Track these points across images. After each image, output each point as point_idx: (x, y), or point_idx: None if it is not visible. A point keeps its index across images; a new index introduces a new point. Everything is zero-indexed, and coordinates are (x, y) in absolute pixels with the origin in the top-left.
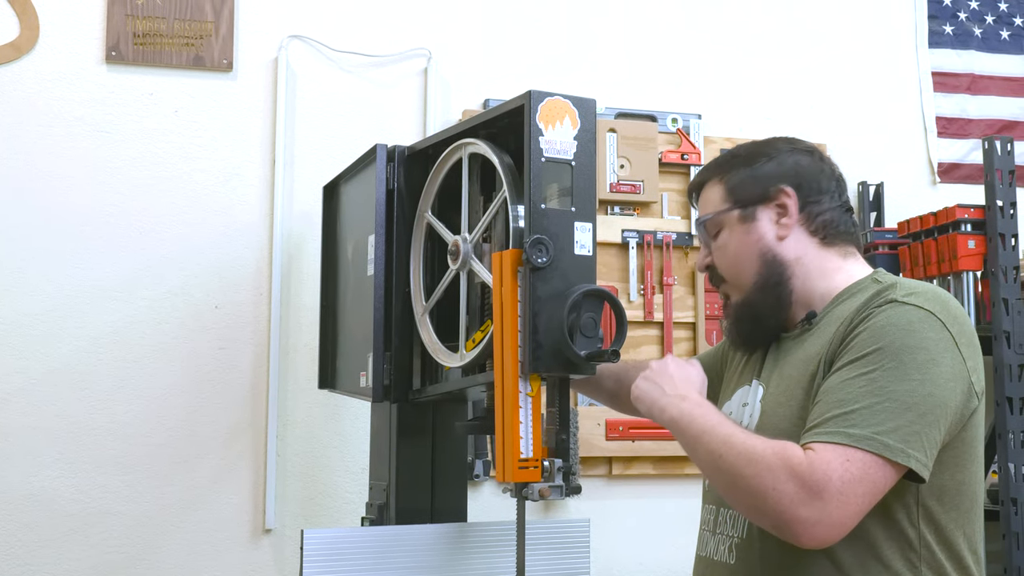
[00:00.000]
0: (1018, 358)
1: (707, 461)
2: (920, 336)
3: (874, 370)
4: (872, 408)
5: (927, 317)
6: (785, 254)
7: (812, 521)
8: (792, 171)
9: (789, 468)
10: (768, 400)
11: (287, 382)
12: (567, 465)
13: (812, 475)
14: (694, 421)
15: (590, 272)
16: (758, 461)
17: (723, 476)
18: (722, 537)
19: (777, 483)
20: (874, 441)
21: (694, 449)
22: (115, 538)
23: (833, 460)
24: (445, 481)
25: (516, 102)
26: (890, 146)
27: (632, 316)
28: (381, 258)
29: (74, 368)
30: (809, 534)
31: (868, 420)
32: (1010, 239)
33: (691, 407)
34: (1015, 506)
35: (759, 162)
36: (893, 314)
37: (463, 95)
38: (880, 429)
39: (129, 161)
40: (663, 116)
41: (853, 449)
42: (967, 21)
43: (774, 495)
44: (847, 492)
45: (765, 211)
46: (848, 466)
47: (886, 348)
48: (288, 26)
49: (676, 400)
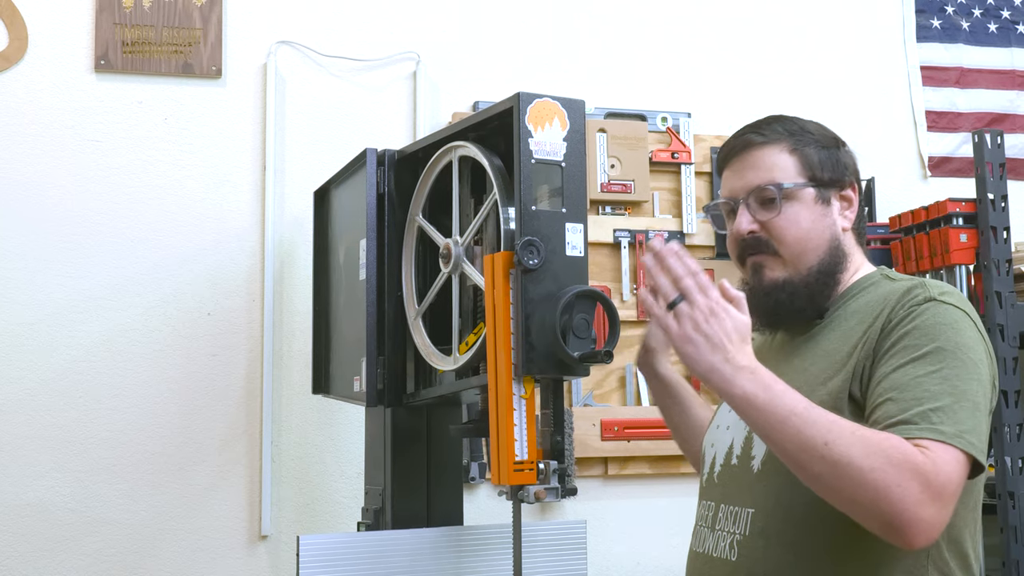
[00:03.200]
0: (1012, 351)
1: (804, 446)
2: (966, 336)
3: (942, 368)
4: (952, 407)
5: (964, 317)
6: (846, 246)
7: (930, 522)
8: (853, 167)
9: (910, 462)
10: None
11: (281, 388)
12: (562, 467)
13: (938, 477)
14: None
15: (582, 273)
16: (878, 453)
17: (828, 465)
18: (722, 534)
19: (902, 477)
20: (963, 439)
21: (782, 433)
22: (111, 547)
23: (951, 460)
24: (441, 485)
25: (505, 104)
26: (880, 141)
27: (625, 316)
28: (373, 262)
29: (68, 377)
30: (925, 535)
31: (952, 418)
32: (1002, 232)
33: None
34: (1012, 500)
35: (833, 147)
36: (938, 312)
37: (452, 98)
38: (964, 428)
39: (119, 169)
40: (652, 115)
41: (956, 449)
42: (955, 15)
43: (898, 491)
44: (957, 495)
45: (836, 199)
46: (956, 466)
47: (944, 347)
48: (276, 32)
49: (743, 372)
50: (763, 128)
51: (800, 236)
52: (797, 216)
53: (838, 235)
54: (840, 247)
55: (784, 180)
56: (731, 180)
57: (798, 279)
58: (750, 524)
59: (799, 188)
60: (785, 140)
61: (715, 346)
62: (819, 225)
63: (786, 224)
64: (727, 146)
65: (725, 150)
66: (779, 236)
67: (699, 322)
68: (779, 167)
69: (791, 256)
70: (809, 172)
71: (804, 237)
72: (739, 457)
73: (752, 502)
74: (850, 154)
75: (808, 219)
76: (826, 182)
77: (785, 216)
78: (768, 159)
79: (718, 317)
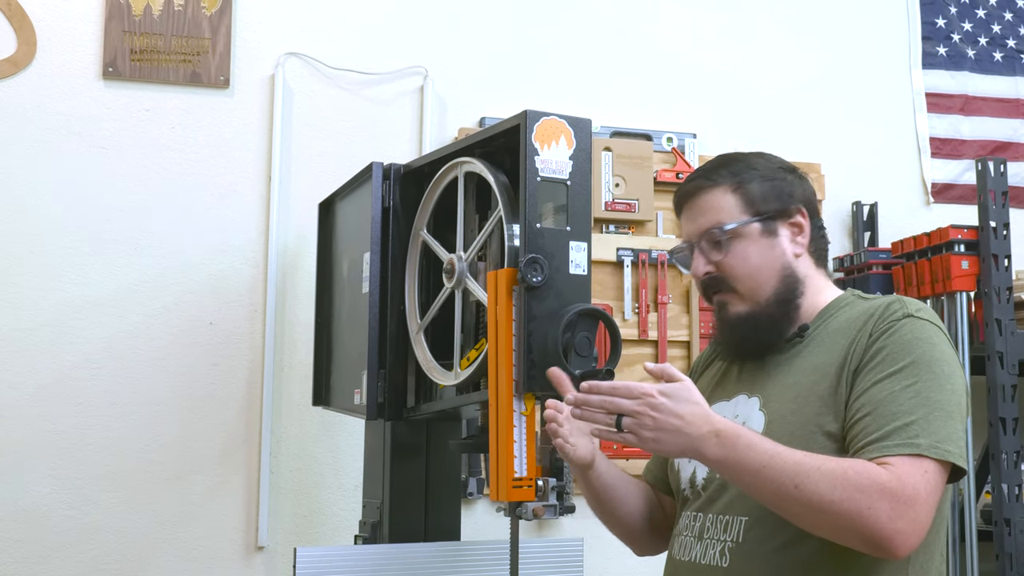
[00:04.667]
0: (1011, 378)
1: (778, 494)
2: (940, 349)
3: (916, 382)
4: (927, 418)
5: (938, 332)
6: (800, 271)
7: (909, 532)
8: (802, 191)
9: (879, 485)
10: (773, 408)
11: (281, 399)
12: (561, 484)
13: (904, 490)
14: (744, 458)
15: (585, 291)
16: (844, 483)
17: (801, 505)
18: (712, 542)
19: (871, 502)
20: (938, 449)
21: (756, 484)
22: (107, 554)
23: (915, 472)
24: (439, 499)
25: (512, 121)
26: (884, 166)
27: (626, 335)
28: (376, 276)
29: (67, 384)
30: (907, 544)
31: (927, 430)
32: (1003, 260)
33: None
34: (1008, 527)
35: (775, 176)
36: (914, 328)
37: (459, 113)
38: (939, 437)
39: (125, 177)
40: (658, 135)
41: (926, 459)
42: (960, 43)
43: (870, 514)
44: (931, 502)
45: (784, 228)
46: (927, 476)
47: (919, 361)
48: (285, 43)
49: (709, 438)
50: (709, 172)
51: (750, 271)
52: (745, 252)
53: (790, 263)
54: (793, 273)
55: (727, 220)
56: (686, 225)
57: (758, 311)
58: (743, 531)
59: (743, 225)
60: (728, 181)
61: (673, 432)
62: (768, 257)
63: (735, 262)
64: (678, 193)
65: (677, 197)
66: (731, 274)
67: (647, 424)
68: (723, 208)
69: (746, 291)
70: (752, 208)
71: (755, 272)
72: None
73: (745, 510)
74: (798, 180)
75: (756, 253)
76: (770, 214)
77: (734, 255)
78: (714, 202)
79: (660, 409)
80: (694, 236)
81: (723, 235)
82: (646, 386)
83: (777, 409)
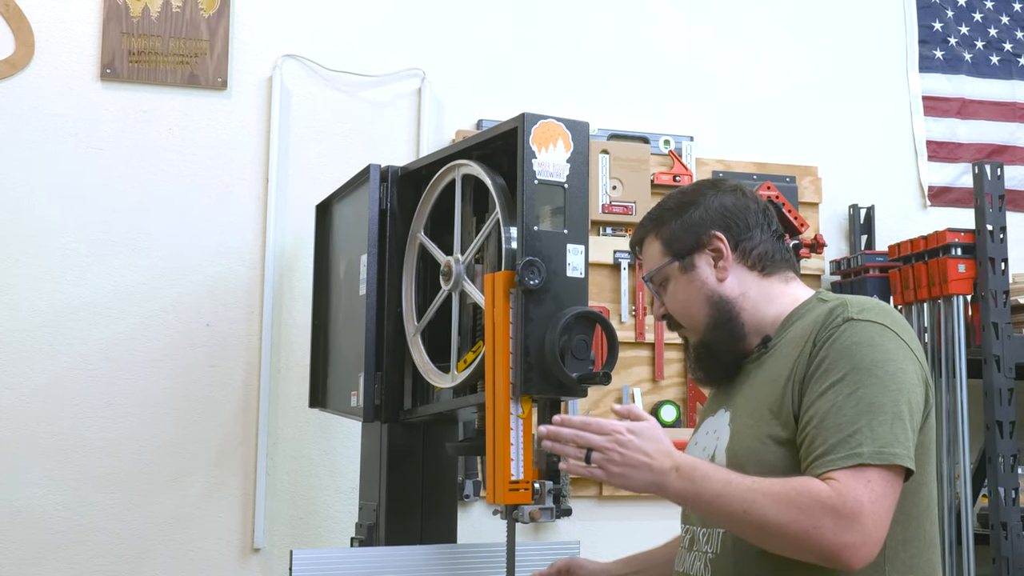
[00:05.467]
0: (1008, 382)
1: (732, 520)
2: (883, 349)
3: (858, 389)
4: (870, 425)
5: (884, 331)
6: (729, 292)
7: (857, 545)
8: (719, 214)
9: (820, 504)
10: (736, 422)
11: (278, 401)
12: (558, 487)
13: (845, 504)
14: (701, 489)
15: (582, 294)
16: (788, 506)
17: (755, 530)
18: (698, 554)
19: (815, 521)
20: (883, 454)
21: (713, 512)
22: (103, 555)
23: (856, 484)
24: (435, 502)
25: (510, 124)
26: (881, 169)
27: (623, 337)
28: (373, 278)
29: (64, 385)
30: (858, 557)
31: (870, 437)
32: (1000, 263)
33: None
34: (1005, 530)
35: (687, 212)
36: (854, 332)
37: (457, 116)
38: (884, 443)
39: (122, 178)
40: (655, 138)
41: (870, 468)
42: (957, 46)
43: (816, 532)
44: (878, 510)
45: (702, 257)
46: (871, 485)
47: (859, 366)
48: (283, 45)
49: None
50: (641, 223)
51: (681, 308)
52: (675, 293)
53: (714, 289)
54: (722, 298)
55: (652, 268)
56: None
57: (705, 338)
58: (721, 543)
59: (663, 269)
60: (652, 229)
61: (638, 467)
62: (690, 291)
63: (670, 303)
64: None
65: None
66: (672, 312)
67: (615, 459)
68: (652, 256)
69: (688, 325)
70: (669, 250)
71: (684, 308)
72: None
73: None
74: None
75: (682, 291)
76: (682, 250)
77: (668, 296)
78: (645, 252)
79: (627, 445)
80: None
81: (652, 282)
82: (615, 423)
83: (739, 421)
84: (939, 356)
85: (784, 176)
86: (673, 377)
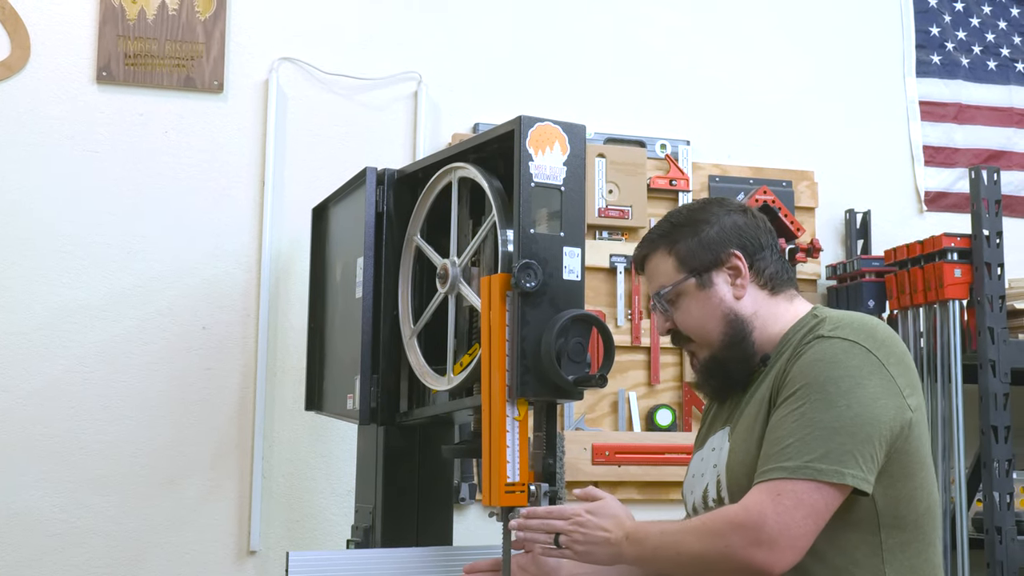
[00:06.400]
0: (1003, 387)
1: (675, 563)
2: (844, 365)
3: (802, 405)
4: (803, 439)
5: (851, 347)
6: (744, 311)
7: (766, 554)
8: (735, 233)
9: (727, 522)
10: (734, 438)
11: (274, 403)
12: (554, 489)
13: (748, 518)
14: (645, 546)
15: (578, 297)
16: (704, 534)
17: (690, 566)
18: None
19: (725, 539)
20: (807, 469)
21: (659, 564)
22: (99, 558)
23: (763, 498)
24: (431, 504)
25: (506, 127)
26: (877, 174)
27: (619, 341)
28: (370, 281)
29: (60, 387)
30: (772, 564)
31: (800, 451)
32: (996, 268)
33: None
34: (1000, 535)
35: (702, 230)
36: (818, 349)
37: (453, 119)
38: (811, 457)
39: (118, 181)
40: (652, 142)
41: (785, 481)
42: (954, 51)
43: (728, 551)
44: (785, 520)
45: (719, 275)
46: (780, 499)
47: (811, 382)
48: (279, 48)
49: (623, 542)
50: (649, 238)
51: (695, 324)
52: (688, 309)
53: (731, 307)
54: (738, 316)
55: (667, 283)
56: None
57: (718, 355)
58: None
59: (679, 285)
60: (663, 244)
61: (599, 543)
62: (707, 308)
63: (682, 318)
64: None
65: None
66: (683, 328)
67: (578, 539)
68: (663, 272)
69: (700, 340)
70: (686, 266)
71: (699, 324)
72: (715, 500)
73: None
74: (728, 222)
75: (697, 307)
76: (699, 267)
77: (680, 312)
78: (654, 267)
79: (586, 525)
80: (652, 298)
81: (665, 297)
82: (575, 507)
83: (736, 438)
84: (935, 361)
85: (781, 180)
86: (669, 381)
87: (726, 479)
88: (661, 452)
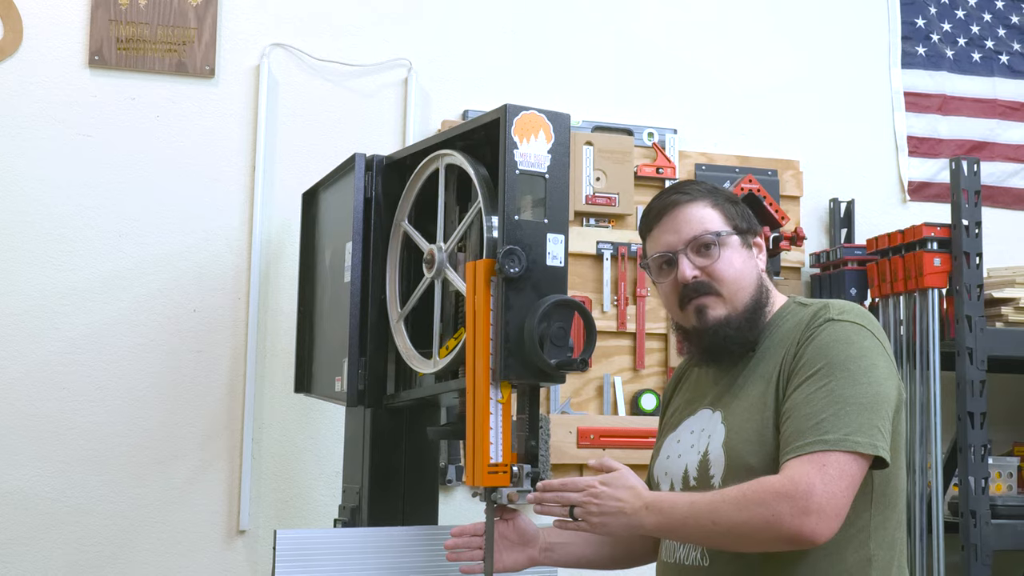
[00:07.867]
0: (980, 374)
1: (706, 534)
2: (859, 346)
3: (829, 382)
4: (837, 414)
5: (860, 330)
6: (766, 284)
7: (814, 523)
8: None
9: (774, 493)
10: (732, 419)
11: (263, 385)
12: (536, 470)
13: (797, 489)
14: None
15: (561, 283)
16: (747, 504)
17: (726, 536)
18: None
19: (771, 508)
20: (847, 441)
21: (688, 534)
22: (90, 536)
23: (808, 468)
24: (417, 485)
25: (492, 115)
26: (861, 164)
27: (605, 327)
28: (358, 265)
29: (52, 368)
30: (819, 531)
31: (836, 425)
32: (975, 258)
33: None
34: (974, 518)
35: (739, 204)
36: (833, 331)
37: (442, 106)
38: (849, 430)
39: (110, 165)
40: (639, 130)
41: (827, 453)
42: (939, 43)
43: (775, 520)
44: (832, 490)
45: (753, 245)
46: (826, 469)
47: (833, 361)
48: (270, 34)
49: (641, 511)
50: (685, 188)
51: (736, 276)
52: (731, 259)
53: (760, 275)
54: (763, 285)
55: (713, 229)
56: (665, 235)
57: (735, 315)
58: None
59: (728, 235)
60: (707, 197)
61: (615, 513)
62: (748, 266)
63: (724, 267)
64: (655, 208)
65: (654, 211)
66: (719, 277)
67: (593, 511)
68: (708, 219)
69: (730, 294)
70: (732, 222)
71: (739, 277)
72: (696, 479)
73: None
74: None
75: (740, 261)
76: (745, 230)
77: (723, 259)
78: (697, 213)
79: (601, 496)
80: (679, 244)
81: (715, 239)
82: (589, 479)
83: (735, 420)
84: (914, 348)
85: (766, 169)
86: (654, 366)
87: (725, 458)
88: (645, 436)
